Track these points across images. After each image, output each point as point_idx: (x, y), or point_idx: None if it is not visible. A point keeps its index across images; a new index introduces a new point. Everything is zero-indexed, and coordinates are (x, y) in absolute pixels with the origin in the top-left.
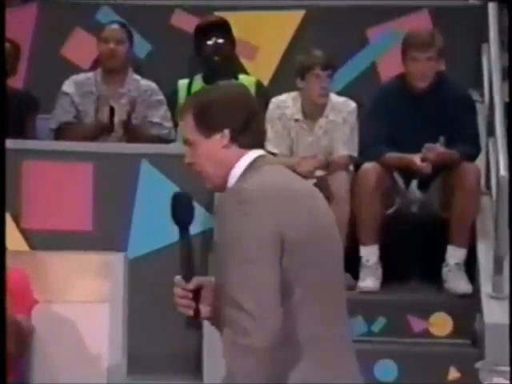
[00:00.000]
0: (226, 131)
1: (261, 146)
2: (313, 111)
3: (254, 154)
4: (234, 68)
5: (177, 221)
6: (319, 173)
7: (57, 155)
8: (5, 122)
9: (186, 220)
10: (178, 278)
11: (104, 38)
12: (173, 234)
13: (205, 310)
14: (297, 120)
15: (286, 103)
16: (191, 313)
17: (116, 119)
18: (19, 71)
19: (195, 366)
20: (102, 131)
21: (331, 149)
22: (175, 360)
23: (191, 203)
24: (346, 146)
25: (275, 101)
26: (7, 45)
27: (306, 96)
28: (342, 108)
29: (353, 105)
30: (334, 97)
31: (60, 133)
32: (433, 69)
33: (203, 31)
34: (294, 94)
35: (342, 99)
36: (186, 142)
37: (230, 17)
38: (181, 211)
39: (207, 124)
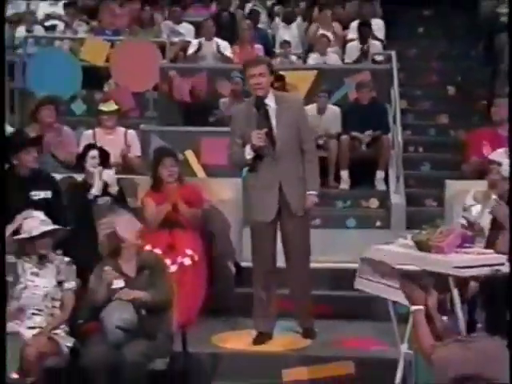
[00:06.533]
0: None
1: None
2: (320, 111)
3: None
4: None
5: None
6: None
7: (216, 135)
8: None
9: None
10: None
11: (234, 83)
12: None
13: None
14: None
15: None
16: (262, 142)
17: None
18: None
19: None
20: None
21: (328, 128)
22: None
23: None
24: (336, 127)
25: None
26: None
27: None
28: (335, 110)
29: (338, 109)
30: (330, 106)
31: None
32: (370, 95)
33: None
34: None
35: (332, 107)
36: (260, 75)
37: None
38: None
39: (271, 73)
